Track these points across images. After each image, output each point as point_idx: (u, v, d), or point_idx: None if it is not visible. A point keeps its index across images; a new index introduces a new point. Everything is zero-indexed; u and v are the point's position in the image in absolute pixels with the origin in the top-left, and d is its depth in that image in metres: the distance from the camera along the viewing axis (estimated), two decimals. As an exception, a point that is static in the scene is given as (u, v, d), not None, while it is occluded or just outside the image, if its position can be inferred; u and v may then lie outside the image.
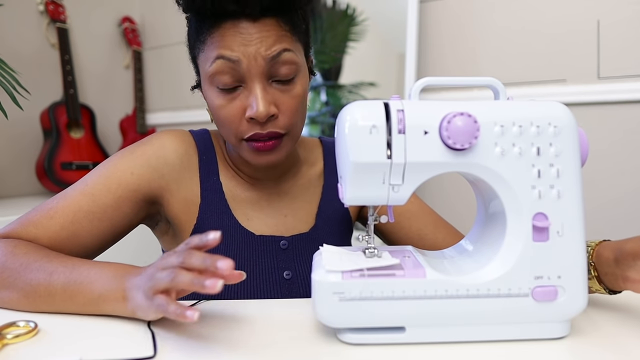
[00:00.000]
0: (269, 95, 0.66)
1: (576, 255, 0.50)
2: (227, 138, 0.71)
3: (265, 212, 0.77)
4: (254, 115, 0.65)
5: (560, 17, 1.37)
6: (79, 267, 0.58)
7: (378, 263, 0.51)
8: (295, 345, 0.51)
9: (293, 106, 0.68)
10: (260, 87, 0.65)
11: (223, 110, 0.67)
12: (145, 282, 0.51)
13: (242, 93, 0.66)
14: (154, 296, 0.49)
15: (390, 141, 0.49)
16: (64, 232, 0.66)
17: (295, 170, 0.81)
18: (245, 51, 0.64)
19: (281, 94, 0.67)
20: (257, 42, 0.64)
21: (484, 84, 0.55)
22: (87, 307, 0.57)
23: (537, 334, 0.51)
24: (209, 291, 0.46)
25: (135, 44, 2.05)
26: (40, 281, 0.57)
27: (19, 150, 1.70)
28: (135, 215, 0.72)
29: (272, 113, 0.65)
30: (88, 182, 0.69)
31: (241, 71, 0.65)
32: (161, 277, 0.49)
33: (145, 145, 0.73)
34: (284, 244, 0.75)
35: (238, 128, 0.67)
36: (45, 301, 0.57)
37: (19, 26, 1.69)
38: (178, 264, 0.50)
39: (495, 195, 0.51)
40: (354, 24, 1.66)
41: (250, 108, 0.65)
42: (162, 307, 0.48)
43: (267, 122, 0.66)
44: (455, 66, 1.52)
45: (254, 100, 0.65)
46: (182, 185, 0.73)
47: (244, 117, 0.67)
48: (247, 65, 0.64)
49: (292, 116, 0.68)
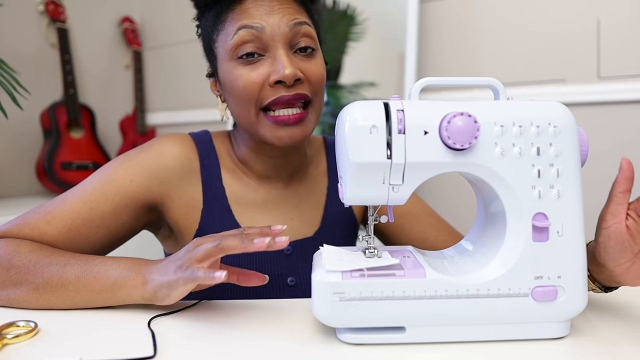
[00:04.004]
0: (294, 62, 0.66)
1: (576, 255, 0.50)
2: (245, 112, 0.68)
3: (271, 215, 0.75)
4: (281, 77, 0.64)
5: (560, 16, 1.37)
6: (94, 260, 0.60)
7: (378, 263, 0.51)
8: (296, 345, 0.50)
9: (317, 73, 0.68)
10: (285, 53, 0.65)
11: (244, 78, 0.66)
12: (182, 256, 0.54)
13: (266, 61, 0.66)
14: (188, 267, 0.52)
15: (390, 141, 0.49)
16: (61, 238, 0.66)
17: (303, 171, 0.80)
18: (268, 19, 0.65)
19: (303, 62, 0.67)
20: (279, 11, 0.66)
21: (484, 84, 0.55)
22: (101, 295, 0.57)
23: (537, 334, 0.51)
24: (258, 247, 0.50)
25: (135, 44, 2.05)
26: (53, 273, 0.58)
27: (19, 150, 1.70)
28: (135, 223, 0.71)
29: (299, 77, 0.65)
30: (87, 188, 0.68)
31: (264, 39, 0.65)
32: (204, 246, 0.53)
33: (144, 151, 0.72)
34: (287, 249, 0.74)
35: (260, 94, 0.66)
36: (56, 292, 0.57)
37: (19, 26, 1.69)
38: (219, 237, 0.53)
39: (495, 195, 0.51)
40: (354, 24, 1.66)
41: (276, 72, 0.64)
42: (194, 273, 0.51)
43: (294, 85, 0.66)
44: (455, 66, 1.52)
45: (279, 64, 0.64)
46: (183, 191, 0.72)
47: (266, 84, 0.65)
48: (271, 32, 0.65)
49: (317, 83, 0.68)
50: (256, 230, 0.55)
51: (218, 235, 0.55)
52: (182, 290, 0.53)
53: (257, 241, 0.50)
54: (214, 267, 0.55)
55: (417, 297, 0.49)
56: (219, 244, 0.52)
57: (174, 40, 2.00)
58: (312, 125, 0.70)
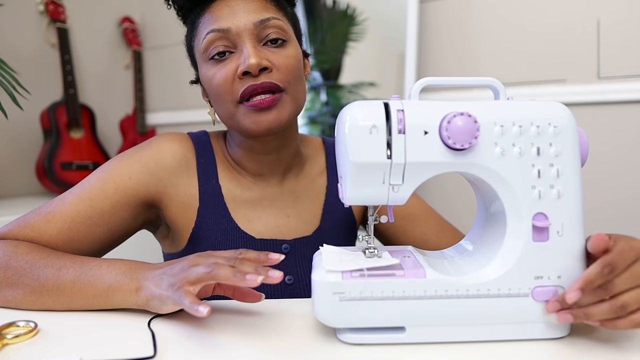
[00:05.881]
0: (260, 52, 0.67)
1: (576, 255, 0.50)
2: (224, 108, 0.69)
3: (267, 213, 0.76)
4: (246, 68, 0.65)
5: (560, 16, 1.37)
6: (89, 262, 0.59)
7: (378, 263, 0.51)
8: (295, 345, 0.51)
9: (287, 63, 0.68)
10: (251, 45, 0.66)
11: (217, 76, 0.68)
12: (176, 274, 0.53)
13: (234, 56, 0.67)
14: (180, 288, 0.51)
15: (390, 141, 0.49)
16: (61, 237, 0.66)
17: (299, 169, 0.80)
18: (233, 20, 0.67)
19: (272, 53, 0.68)
20: (244, 11, 0.67)
21: (484, 84, 0.55)
22: (96, 300, 0.57)
23: (537, 334, 0.51)
24: (249, 284, 0.48)
25: (135, 44, 2.05)
26: (49, 276, 0.58)
27: (19, 150, 1.70)
28: (134, 220, 0.71)
29: (264, 65, 0.66)
30: (86, 186, 0.69)
31: (231, 37, 0.67)
32: (198, 270, 0.51)
33: (143, 149, 0.73)
34: (285, 247, 0.74)
35: (232, 88, 0.67)
36: (52, 296, 0.58)
37: (19, 26, 1.69)
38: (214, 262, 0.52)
39: (495, 195, 0.51)
40: (354, 24, 1.66)
41: (242, 63, 0.66)
42: (180, 299, 0.50)
43: (261, 75, 0.66)
44: (455, 66, 1.52)
45: (244, 55, 0.66)
46: (180, 189, 0.73)
47: (236, 77, 0.67)
48: (237, 31, 0.66)
49: (286, 72, 0.68)
50: (253, 255, 0.55)
51: (216, 256, 0.54)
52: (171, 308, 0.53)
53: (249, 277, 0.49)
54: (206, 289, 0.56)
55: (417, 297, 0.49)
56: (211, 272, 0.50)
57: (174, 40, 2.00)
58: (288, 110, 0.69)
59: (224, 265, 0.51)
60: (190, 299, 0.49)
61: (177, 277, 0.52)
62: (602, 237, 0.47)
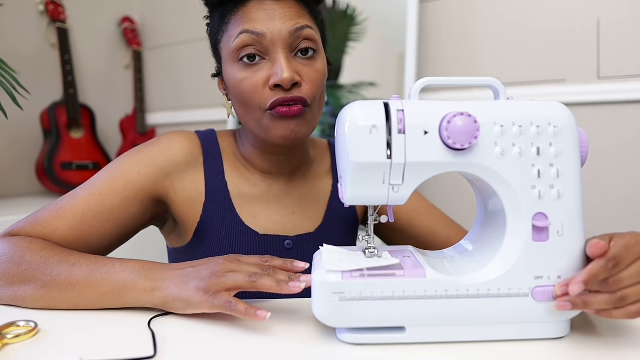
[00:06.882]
0: (292, 65, 0.67)
1: (576, 255, 0.50)
2: (250, 114, 0.70)
3: (272, 209, 0.76)
4: (279, 81, 0.65)
5: (560, 16, 1.37)
6: (103, 261, 0.60)
7: (378, 263, 0.51)
8: (295, 345, 0.51)
9: (316, 78, 0.69)
10: (284, 57, 0.66)
11: (246, 82, 0.67)
12: (206, 278, 0.54)
13: (266, 64, 0.67)
14: (217, 293, 0.53)
15: (390, 141, 0.49)
16: (72, 232, 0.67)
17: (306, 169, 0.81)
18: (270, 25, 0.66)
19: (303, 66, 0.68)
20: (280, 17, 0.67)
21: (484, 84, 0.55)
22: (107, 297, 0.58)
23: (537, 334, 0.51)
24: (294, 291, 0.52)
25: (135, 44, 2.05)
26: (62, 271, 0.59)
27: (19, 150, 1.70)
28: (143, 215, 0.73)
29: (296, 80, 0.66)
30: (96, 182, 0.70)
31: (265, 43, 0.66)
32: (237, 277, 0.53)
33: (152, 145, 0.74)
34: (288, 243, 0.75)
35: (262, 97, 0.67)
36: (62, 291, 0.58)
37: (19, 26, 1.69)
38: (256, 268, 0.55)
39: (495, 195, 0.51)
40: (354, 24, 1.66)
41: (275, 75, 0.66)
42: (229, 304, 0.52)
43: (291, 89, 0.67)
44: (455, 66, 1.52)
45: (278, 67, 0.66)
46: (187, 184, 0.74)
47: (267, 86, 0.67)
48: (271, 37, 0.66)
49: (314, 87, 0.69)
50: (279, 262, 0.57)
51: (242, 261, 0.57)
52: (200, 311, 0.54)
53: (292, 284, 0.52)
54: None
55: (417, 297, 0.49)
56: (254, 281, 0.53)
57: (174, 40, 2.00)
58: (312, 124, 0.71)
59: (263, 274, 0.53)
60: (244, 305, 0.51)
61: (209, 281, 0.54)
62: (599, 244, 0.47)
